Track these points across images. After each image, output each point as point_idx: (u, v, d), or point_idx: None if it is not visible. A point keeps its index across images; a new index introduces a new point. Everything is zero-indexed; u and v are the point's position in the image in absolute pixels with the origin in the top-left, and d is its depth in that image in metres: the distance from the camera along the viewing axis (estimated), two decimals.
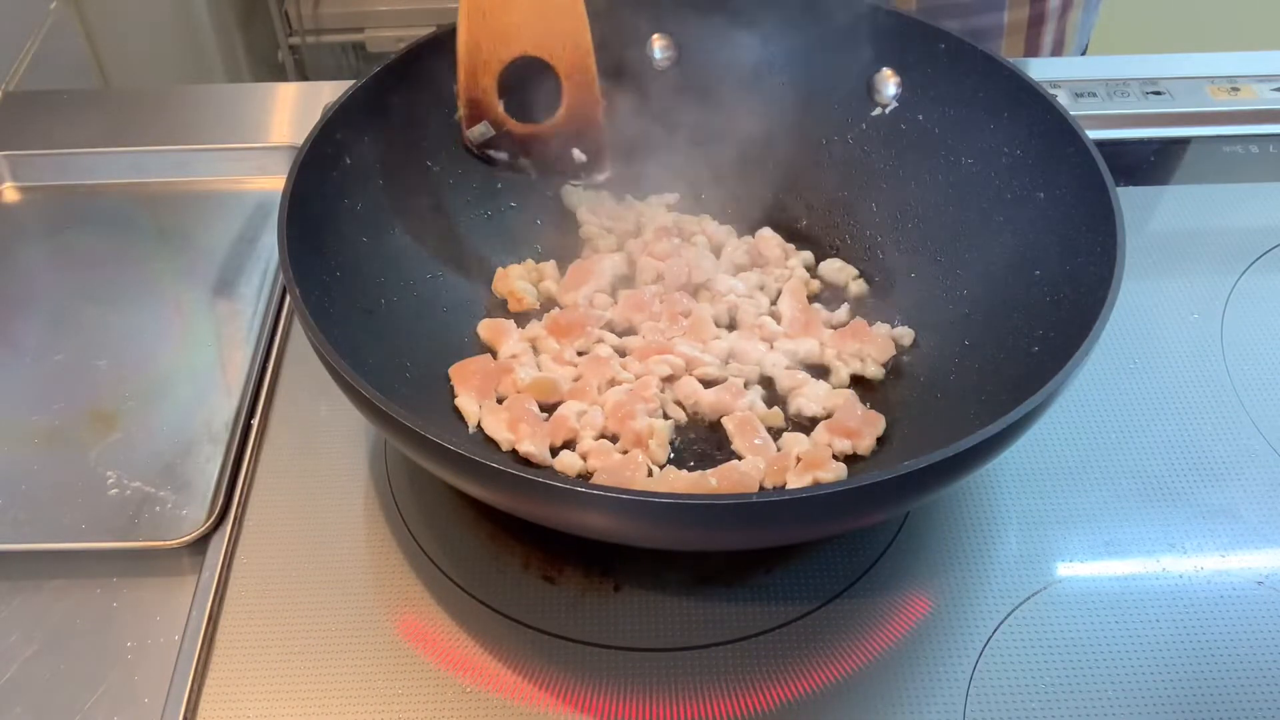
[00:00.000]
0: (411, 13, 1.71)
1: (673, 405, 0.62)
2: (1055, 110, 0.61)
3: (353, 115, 0.63)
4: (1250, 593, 0.56)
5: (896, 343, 0.66)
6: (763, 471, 0.58)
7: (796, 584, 0.57)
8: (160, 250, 0.77)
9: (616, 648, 0.54)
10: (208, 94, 0.89)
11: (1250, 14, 1.99)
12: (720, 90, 0.73)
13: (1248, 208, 0.78)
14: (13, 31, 1.04)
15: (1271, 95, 0.85)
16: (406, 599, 0.56)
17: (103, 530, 0.59)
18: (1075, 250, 0.58)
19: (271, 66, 1.72)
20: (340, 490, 0.61)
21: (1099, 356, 0.67)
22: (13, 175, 0.81)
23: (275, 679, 0.53)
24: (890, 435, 0.61)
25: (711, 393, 0.62)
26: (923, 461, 0.45)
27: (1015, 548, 0.58)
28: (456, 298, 0.67)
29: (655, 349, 0.64)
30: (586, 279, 0.68)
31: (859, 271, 0.70)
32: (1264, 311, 0.71)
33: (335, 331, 0.52)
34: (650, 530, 0.50)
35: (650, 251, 0.69)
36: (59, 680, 0.54)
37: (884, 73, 0.70)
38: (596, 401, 0.62)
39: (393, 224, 0.65)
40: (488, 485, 0.48)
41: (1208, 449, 0.63)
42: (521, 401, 0.61)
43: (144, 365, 0.68)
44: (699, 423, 0.62)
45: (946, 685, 0.53)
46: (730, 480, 0.57)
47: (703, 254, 0.69)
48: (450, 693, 0.53)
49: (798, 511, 0.46)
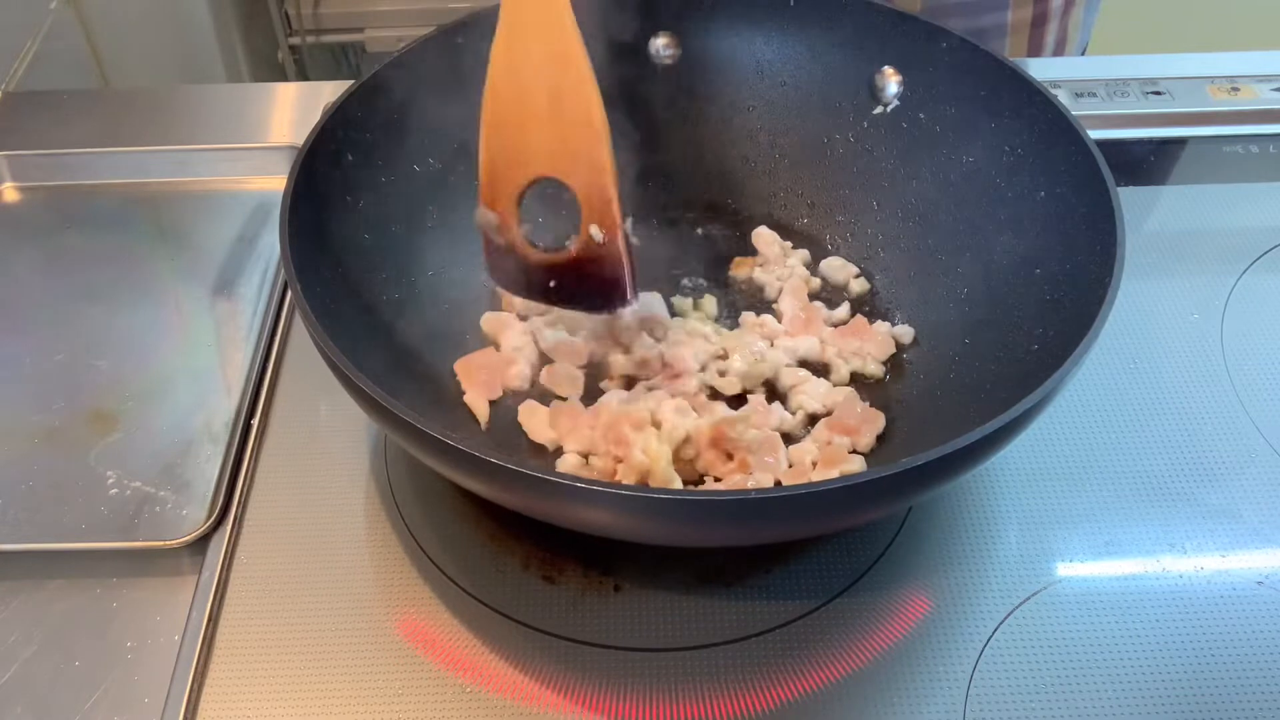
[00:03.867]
0: (411, 13, 1.71)
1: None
2: (1056, 109, 0.61)
3: (355, 113, 0.63)
4: (1250, 593, 0.56)
5: (897, 341, 0.66)
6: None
7: (796, 584, 0.57)
8: (160, 250, 0.77)
9: (616, 648, 0.54)
10: (208, 94, 0.89)
11: (1250, 14, 1.99)
12: (722, 88, 0.73)
13: (1248, 208, 0.78)
14: (13, 31, 1.04)
15: (1271, 95, 0.85)
16: (406, 599, 0.56)
17: (103, 530, 0.59)
18: (1075, 249, 0.58)
19: (271, 66, 1.72)
20: (340, 490, 0.61)
21: (1099, 357, 0.67)
22: (13, 175, 0.81)
23: (275, 679, 0.53)
24: (890, 433, 0.61)
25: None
26: (922, 458, 0.45)
27: (1015, 547, 0.58)
28: (458, 293, 0.67)
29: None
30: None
31: (859, 270, 0.70)
32: (1264, 311, 0.71)
33: (337, 328, 0.52)
34: (651, 526, 0.50)
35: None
36: (59, 680, 0.54)
37: (885, 71, 0.70)
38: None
39: (394, 221, 0.65)
40: (491, 481, 0.48)
41: (1208, 449, 0.63)
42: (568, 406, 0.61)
43: (144, 365, 0.68)
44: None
45: (946, 685, 0.53)
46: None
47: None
48: (450, 693, 0.53)
49: (798, 507, 0.46)
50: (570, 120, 0.58)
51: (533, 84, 0.58)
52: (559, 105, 0.58)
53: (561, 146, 0.59)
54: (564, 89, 0.58)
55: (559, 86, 0.58)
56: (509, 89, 0.58)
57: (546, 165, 0.60)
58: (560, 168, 0.59)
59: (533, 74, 0.58)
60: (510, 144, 0.59)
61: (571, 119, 0.58)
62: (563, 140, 0.59)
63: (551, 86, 0.58)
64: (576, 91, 0.58)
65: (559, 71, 0.57)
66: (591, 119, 0.58)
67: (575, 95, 0.58)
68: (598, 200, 0.59)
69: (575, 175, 0.59)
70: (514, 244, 0.62)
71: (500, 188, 0.61)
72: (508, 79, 0.58)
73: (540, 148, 0.59)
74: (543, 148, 0.59)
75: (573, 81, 0.57)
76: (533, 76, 0.58)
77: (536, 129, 0.59)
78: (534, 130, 0.59)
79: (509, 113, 0.59)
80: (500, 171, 0.61)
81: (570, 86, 0.58)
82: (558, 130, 0.59)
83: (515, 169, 0.60)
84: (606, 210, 0.60)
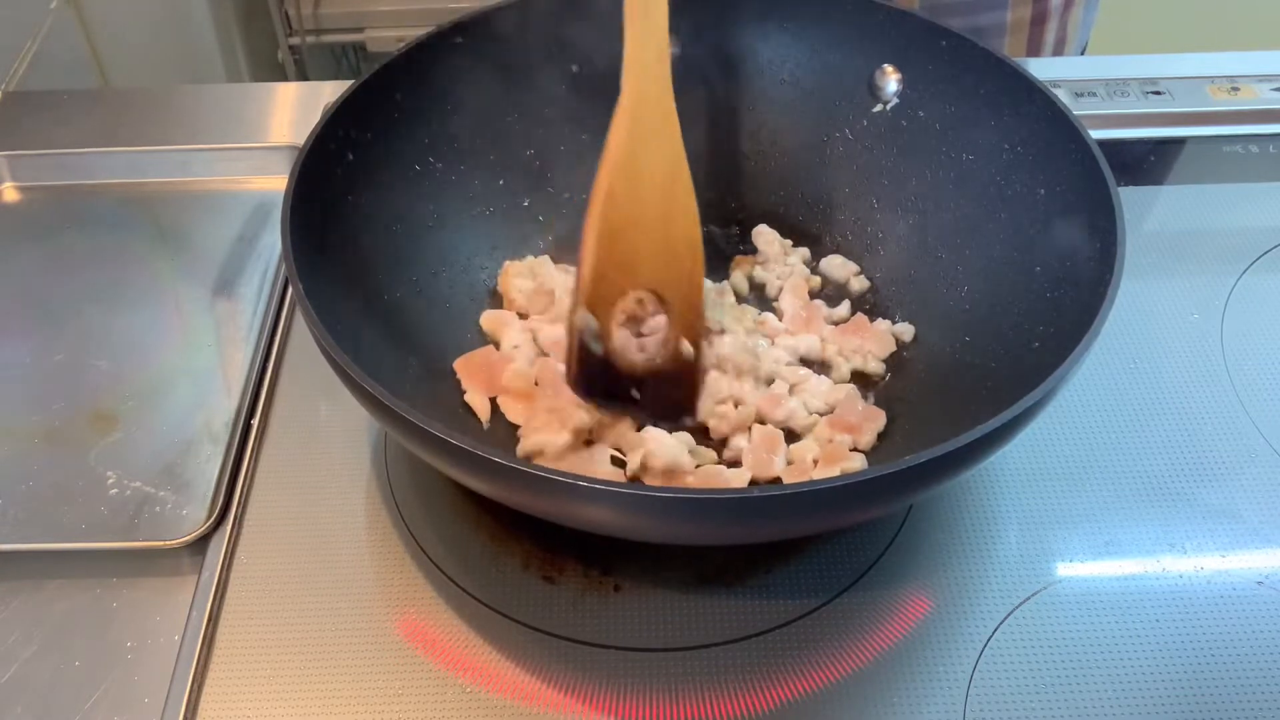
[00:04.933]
0: (411, 13, 1.71)
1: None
2: (1056, 107, 0.61)
3: (356, 112, 0.63)
4: (1250, 593, 0.56)
5: (897, 339, 0.66)
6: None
7: (796, 584, 0.57)
8: (160, 250, 0.76)
9: (616, 648, 0.54)
10: (208, 94, 0.89)
11: (1250, 14, 1.99)
12: (722, 87, 0.73)
13: (1248, 208, 0.78)
14: (13, 31, 1.04)
15: (1271, 95, 0.85)
16: (407, 599, 0.56)
17: (103, 530, 0.59)
18: (1075, 246, 0.58)
19: (271, 66, 1.72)
20: (340, 490, 0.61)
21: (1099, 357, 0.67)
22: (13, 175, 0.81)
23: (275, 679, 0.53)
24: (891, 431, 0.61)
25: (753, 396, 0.62)
26: (924, 456, 0.45)
27: (1015, 547, 0.58)
28: (459, 292, 0.67)
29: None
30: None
31: (860, 268, 0.70)
32: (1264, 311, 0.71)
33: (338, 327, 0.52)
34: (651, 524, 0.50)
35: None
36: (59, 680, 0.54)
37: (885, 69, 0.70)
38: None
39: (395, 220, 0.65)
40: (492, 480, 0.48)
41: (1208, 449, 0.63)
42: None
43: (144, 365, 0.68)
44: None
45: (946, 685, 0.53)
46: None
47: None
48: (450, 693, 0.53)
49: (799, 505, 0.46)
50: (678, 237, 0.59)
51: (649, 195, 0.58)
52: (669, 221, 0.59)
53: (667, 261, 0.59)
54: (675, 204, 0.58)
55: (671, 200, 0.58)
56: (628, 196, 0.58)
57: (651, 278, 0.59)
58: (662, 281, 0.59)
59: (651, 185, 0.58)
60: (622, 251, 0.59)
61: (679, 235, 0.59)
62: (669, 255, 0.59)
63: (665, 199, 0.58)
64: (686, 209, 0.59)
65: (672, 183, 0.58)
66: (695, 239, 0.59)
67: (685, 213, 0.59)
68: (692, 316, 0.60)
69: (673, 290, 0.60)
70: (611, 351, 0.60)
71: (605, 294, 0.59)
72: (628, 186, 0.57)
73: (647, 260, 0.59)
74: (650, 260, 0.59)
75: (682, 197, 0.58)
76: (651, 188, 0.58)
77: (646, 242, 0.59)
78: (644, 242, 0.59)
79: (625, 220, 0.58)
80: (609, 278, 0.59)
81: (681, 202, 0.58)
82: (666, 245, 0.59)
83: (624, 277, 0.59)
84: (696, 326, 0.61)
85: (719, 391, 0.61)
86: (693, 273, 0.60)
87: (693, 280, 0.60)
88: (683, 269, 0.60)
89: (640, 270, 0.59)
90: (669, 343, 0.60)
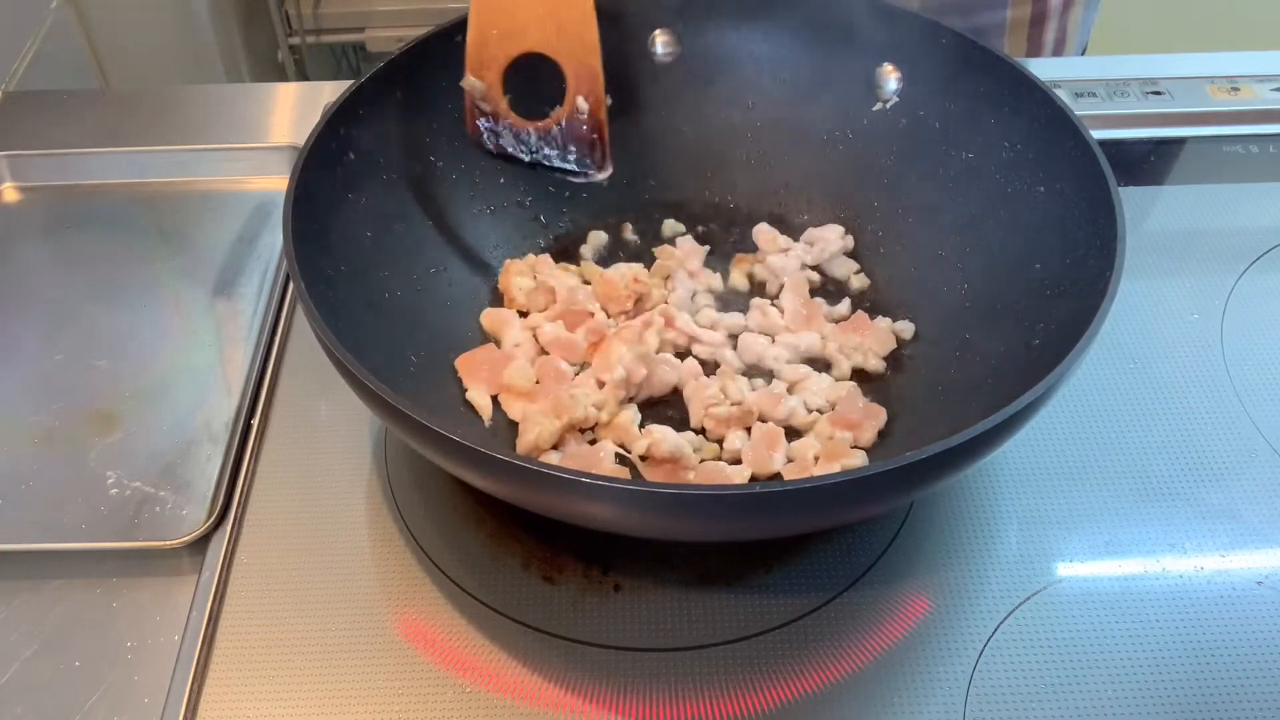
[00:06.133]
0: (411, 13, 1.71)
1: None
2: (1055, 105, 0.61)
3: (357, 111, 0.63)
4: (1250, 593, 0.56)
5: (897, 336, 0.66)
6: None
7: (796, 583, 0.57)
8: (160, 250, 0.76)
9: (616, 648, 0.54)
10: (208, 94, 0.89)
11: (1250, 14, 1.99)
12: (722, 85, 0.73)
13: (1248, 208, 0.78)
14: (13, 31, 1.04)
15: (1271, 95, 0.85)
16: (407, 599, 0.56)
17: (103, 530, 0.59)
18: (1075, 244, 0.58)
19: (271, 66, 1.72)
20: (340, 490, 0.61)
21: (1099, 356, 0.67)
22: (13, 175, 0.81)
23: (275, 679, 0.53)
24: (891, 428, 0.61)
25: (753, 395, 0.62)
26: (924, 453, 0.45)
27: (1015, 547, 0.58)
28: (459, 291, 0.67)
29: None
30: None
31: (860, 266, 0.70)
32: (1264, 311, 0.70)
33: (339, 325, 0.52)
34: (652, 520, 0.50)
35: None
36: (59, 680, 0.54)
37: (885, 68, 0.70)
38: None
39: (396, 219, 0.65)
40: (495, 477, 0.48)
41: (1208, 449, 0.63)
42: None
43: (144, 365, 0.68)
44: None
45: (946, 685, 0.53)
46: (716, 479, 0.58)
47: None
48: (450, 693, 0.53)
49: (800, 501, 0.46)
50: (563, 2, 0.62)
51: None
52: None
53: (552, 23, 0.62)
54: None
55: None
56: None
57: (537, 40, 0.63)
58: (550, 44, 0.63)
59: None
60: (502, 15, 0.63)
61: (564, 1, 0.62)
62: (553, 17, 0.62)
63: None
64: None
65: None
66: (585, 3, 0.62)
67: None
68: (586, 75, 0.64)
69: (563, 52, 0.63)
70: (499, 111, 0.65)
71: (489, 57, 0.64)
72: None
73: (531, 22, 0.62)
74: (533, 23, 0.62)
75: None
76: None
77: (527, 4, 0.62)
78: (524, 5, 0.62)
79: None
80: (490, 41, 0.63)
81: None
82: (548, 7, 0.62)
83: (506, 40, 0.63)
84: (593, 85, 0.64)
85: (706, 392, 0.62)
86: (583, 33, 0.63)
87: (585, 41, 0.63)
88: (571, 31, 0.63)
89: (523, 34, 0.63)
90: (566, 105, 0.64)
